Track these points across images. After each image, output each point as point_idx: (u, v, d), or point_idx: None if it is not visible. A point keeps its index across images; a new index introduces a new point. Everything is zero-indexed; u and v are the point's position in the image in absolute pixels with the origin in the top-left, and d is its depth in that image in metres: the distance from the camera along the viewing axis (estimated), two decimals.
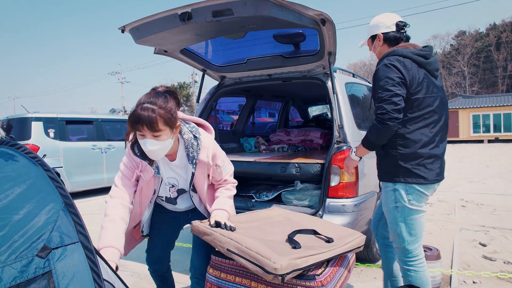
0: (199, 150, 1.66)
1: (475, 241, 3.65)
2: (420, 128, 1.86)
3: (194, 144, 1.66)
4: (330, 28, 2.45)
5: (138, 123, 1.47)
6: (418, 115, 1.87)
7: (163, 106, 1.50)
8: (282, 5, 2.10)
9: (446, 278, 2.69)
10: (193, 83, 38.66)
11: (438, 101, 1.91)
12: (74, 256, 0.98)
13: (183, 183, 1.79)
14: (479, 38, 46.26)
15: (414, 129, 1.86)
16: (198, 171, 1.70)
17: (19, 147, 1.12)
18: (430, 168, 1.86)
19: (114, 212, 1.61)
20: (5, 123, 6.54)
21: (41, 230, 0.97)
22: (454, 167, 10.63)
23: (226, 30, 2.56)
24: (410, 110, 1.87)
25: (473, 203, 5.46)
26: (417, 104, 1.86)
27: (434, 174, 1.87)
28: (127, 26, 2.41)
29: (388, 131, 1.81)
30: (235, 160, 3.10)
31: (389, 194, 1.92)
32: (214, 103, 3.63)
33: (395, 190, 1.89)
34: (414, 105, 1.86)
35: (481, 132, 22.79)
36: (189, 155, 1.68)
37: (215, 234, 1.55)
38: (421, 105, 1.86)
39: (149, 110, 1.47)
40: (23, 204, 1.00)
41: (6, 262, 0.90)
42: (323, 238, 1.65)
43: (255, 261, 1.37)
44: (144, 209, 1.82)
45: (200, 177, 1.73)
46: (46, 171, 1.07)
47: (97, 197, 6.78)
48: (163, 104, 1.50)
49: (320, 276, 1.41)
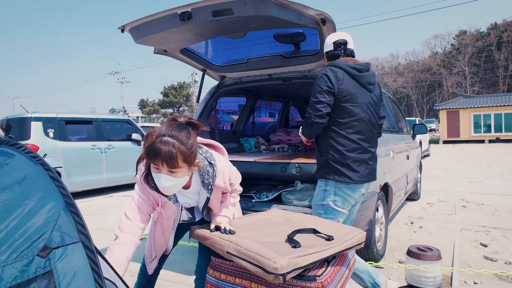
0: (215, 176, 1.58)
1: (476, 241, 3.64)
2: (348, 134, 2.10)
3: (209, 171, 1.57)
4: (331, 28, 2.45)
5: (157, 157, 1.37)
6: (347, 122, 2.10)
7: (185, 142, 1.40)
8: (282, 4, 2.10)
9: (447, 278, 2.69)
10: (193, 83, 38.64)
11: (367, 111, 2.14)
12: (75, 255, 0.98)
13: (195, 204, 1.77)
14: (480, 37, 46.21)
15: (342, 134, 2.11)
16: (213, 195, 1.65)
17: (19, 147, 1.12)
18: (356, 170, 2.09)
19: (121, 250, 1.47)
20: (4, 123, 6.54)
21: (42, 230, 0.97)
22: (455, 167, 10.62)
23: (226, 30, 2.56)
24: (339, 116, 2.10)
25: (474, 203, 5.46)
26: (346, 111, 2.09)
27: (359, 176, 2.10)
28: (127, 26, 2.41)
29: (311, 132, 2.13)
30: (235, 160, 3.10)
31: (320, 192, 2.16)
32: (214, 103, 3.63)
33: (325, 190, 2.13)
34: (343, 112, 2.09)
35: (482, 132, 22.76)
36: (205, 181, 1.59)
37: (214, 237, 1.55)
38: (350, 113, 2.10)
39: (170, 145, 1.36)
40: (24, 204, 1.00)
41: (7, 262, 0.90)
42: (323, 236, 1.65)
43: (255, 262, 1.37)
44: (168, 238, 1.76)
45: (213, 200, 1.69)
46: (46, 171, 1.07)
47: (97, 197, 6.78)
48: (185, 140, 1.40)
49: (321, 277, 1.41)
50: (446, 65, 47.49)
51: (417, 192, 5.76)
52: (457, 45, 48.88)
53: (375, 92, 2.25)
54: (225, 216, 1.71)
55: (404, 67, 54.61)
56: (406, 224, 4.39)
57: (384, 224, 3.37)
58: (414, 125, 5.27)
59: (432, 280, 2.31)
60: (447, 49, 50.93)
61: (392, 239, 3.77)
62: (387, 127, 3.98)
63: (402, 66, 55.23)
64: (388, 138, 3.76)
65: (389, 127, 4.12)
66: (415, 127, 5.22)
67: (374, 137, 2.24)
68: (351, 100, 2.08)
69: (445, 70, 47.43)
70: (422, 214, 4.89)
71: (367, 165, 2.15)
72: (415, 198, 5.80)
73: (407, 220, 4.58)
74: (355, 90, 2.09)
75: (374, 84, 2.23)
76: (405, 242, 3.69)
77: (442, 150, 18.07)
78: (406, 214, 4.94)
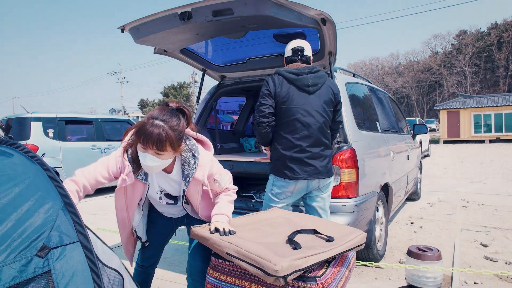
0: (195, 169, 1.63)
1: (476, 241, 3.64)
2: (285, 134, 2.31)
3: (191, 162, 1.63)
4: (331, 28, 2.44)
5: (148, 139, 1.45)
6: (284, 122, 2.31)
7: (175, 128, 1.49)
8: (282, 4, 2.10)
9: (447, 278, 2.68)
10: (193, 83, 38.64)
11: (304, 112, 2.29)
12: (74, 255, 0.98)
13: (175, 193, 1.78)
14: (481, 37, 46.18)
15: (280, 134, 2.33)
16: (191, 188, 1.68)
17: (18, 146, 1.12)
18: (291, 168, 2.28)
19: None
20: (4, 123, 6.54)
21: (40, 230, 0.97)
22: (455, 167, 10.61)
23: (226, 30, 2.56)
24: (278, 117, 2.33)
25: (474, 204, 5.45)
26: (282, 113, 2.30)
27: (294, 173, 2.28)
28: (127, 26, 2.41)
29: (259, 132, 2.35)
30: (235, 160, 3.10)
31: (267, 183, 2.45)
32: (214, 103, 3.63)
33: (269, 182, 2.42)
34: (281, 113, 2.31)
35: (482, 132, 22.74)
36: (184, 172, 1.65)
37: (214, 238, 1.54)
38: (285, 114, 2.30)
39: (160, 129, 1.44)
40: (22, 203, 0.99)
41: (5, 262, 0.90)
42: (324, 237, 1.64)
43: (255, 263, 1.36)
44: (132, 214, 1.76)
45: (193, 193, 1.71)
46: (45, 170, 1.07)
47: (96, 197, 6.77)
48: (175, 126, 1.49)
49: (321, 278, 1.41)
50: (447, 65, 47.47)
51: (417, 192, 5.75)
52: (457, 45, 48.86)
53: (319, 93, 2.33)
54: (224, 215, 1.70)
55: (404, 67, 54.60)
56: (406, 224, 4.39)
57: (384, 224, 3.37)
58: (414, 125, 5.26)
59: (432, 280, 2.30)
60: (448, 49, 50.90)
61: (392, 239, 3.76)
62: (387, 127, 3.98)
63: (402, 66, 55.22)
64: (388, 138, 3.76)
65: (389, 127, 4.11)
66: (415, 127, 5.22)
67: (315, 136, 2.31)
68: (287, 102, 2.29)
69: (446, 70, 47.41)
70: (423, 214, 4.89)
71: (304, 164, 2.29)
72: (416, 198, 5.79)
73: (407, 220, 4.57)
74: (292, 93, 2.29)
75: (315, 86, 2.32)
76: (405, 242, 3.69)
77: (442, 150, 18.06)
78: (406, 214, 4.94)
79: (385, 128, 3.89)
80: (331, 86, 2.39)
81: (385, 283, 2.73)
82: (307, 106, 2.30)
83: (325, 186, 2.42)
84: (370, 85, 4.02)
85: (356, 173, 2.62)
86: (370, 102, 3.70)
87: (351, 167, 2.62)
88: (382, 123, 3.81)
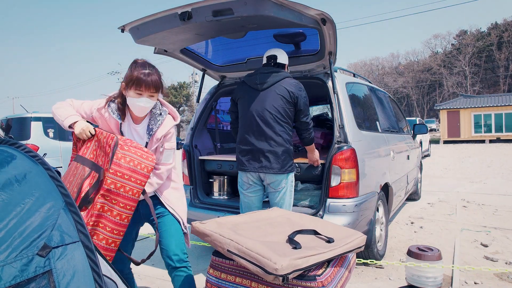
0: (159, 125, 1.85)
1: (477, 241, 3.64)
2: (240, 128, 2.57)
3: (157, 119, 1.86)
4: (331, 28, 2.44)
5: (148, 84, 1.73)
6: (240, 118, 2.58)
7: (160, 74, 1.81)
8: (282, 4, 2.10)
9: (447, 278, 2.68)
10: (193, 83, 38.65)
11: (252, 108, 2.47)
12: (75, 255, 0.98)
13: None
14: (481, 37, 46.17)
15: (238, 130, 2.60)
16: (151, 145, 1.85)
17: (19, 146, 1.12)
18: (240, 159, 2.53)
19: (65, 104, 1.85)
20: (4, 123, 6.54)
21: (42, 229, 0.97)
22: (455, 167, 10.61)
23: (226, 30, 2.56)
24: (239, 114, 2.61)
25: (475, 204, 5.45)
26: (239, 110, 2.59)
27: (241, 165, 2.51)
28: (127, 26, 2.41)
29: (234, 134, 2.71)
30: (235, 160, 3.10)
31: None
32: (214, 103, 3.63)
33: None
34: (239, 111, 2.59)
35: (482, 132, 22.73)
36: (149, 126, 1.86)
37: (215, 235, 1.55)
38: (239, 111, 2.59)
39: (155, 75, 1.77)
40: (24, 203, 1.00)
41: (6, 261, 0.90)
42: (324, 238, 1.65)
43: (256, 261, 1.37)
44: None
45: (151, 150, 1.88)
46: (46, 170, 1.07)
47: None
48: (159, 72, 1.82)
49: (321, 277, 1.41)
50: (447, 65, 47.44)
51: (417, 192, 5.75)
52: (457, 45, 48.85)
53: (271, 91, 2.45)
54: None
55: (404, 67, 54.57)
56: (406, 224, 4.39)
57: (385, 224, 3.37)
58: (415, 125, 5.26)
59: (433, 280, 2.30)
60: (448, 49, 50.87)
61: (392, 239, 3.76)
62: (387, 127, 3.98)
63: (402, 66, 55.18)
64: (388, 138, 3.76)
65: (389, 127, 4.12)
66: (416, 127, 5.22)
67: (260, 131, 2.44)
68: (240, 100, 2.58)
69: (446, 70, 47.39)
70: (423, 214, 4.89)
71: (251, 156, 2.46)
72: (416, 198, 5.79)
73: (408, 220, 4.57)
74: (245, 92, 2.55)
75: (263, 84, 2.46)
76: (406, 242, 3.69)
77: (442, 150, 18.06)
78: (406, 214, 4.94)
79: (385, 128, 3.89)
80: (286, 86, 2.44)
81: (385, 283, 2.73)
82: (256, 103, 2.48)
83: (274, 183, 2.45)
84: (370, 85, 4.02)
85: (356, 173, 2.63)
86: (370, 102, 3.71)
87: (351, 167, 2.62)
88: (382, 123, 3.81)
